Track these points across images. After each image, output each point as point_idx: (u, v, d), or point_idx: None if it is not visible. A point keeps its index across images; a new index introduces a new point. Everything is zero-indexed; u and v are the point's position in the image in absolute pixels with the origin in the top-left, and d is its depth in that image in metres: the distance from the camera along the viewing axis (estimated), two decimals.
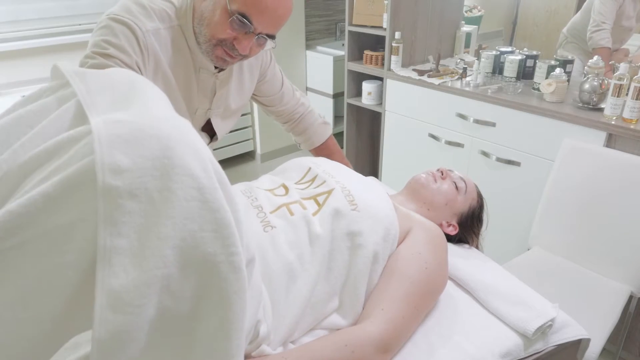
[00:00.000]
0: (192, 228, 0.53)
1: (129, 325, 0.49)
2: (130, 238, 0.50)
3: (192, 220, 0.53)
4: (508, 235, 1.97)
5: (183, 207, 0.52)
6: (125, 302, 0.49)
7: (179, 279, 0.52)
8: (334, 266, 0.86)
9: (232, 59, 1.02)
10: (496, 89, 1.96)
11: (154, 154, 0.52)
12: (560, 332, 0.95)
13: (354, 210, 0.89)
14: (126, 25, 0.93)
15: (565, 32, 2.37)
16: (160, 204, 0.52)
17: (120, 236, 0.49)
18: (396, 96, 2.32)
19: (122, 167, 0.50)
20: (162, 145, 0.53)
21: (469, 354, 0.86)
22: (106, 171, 0.49)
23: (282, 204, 0.92)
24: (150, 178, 0.51)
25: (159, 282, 0.51)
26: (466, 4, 2.66)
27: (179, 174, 0.53)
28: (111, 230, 0.49)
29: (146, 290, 0.50)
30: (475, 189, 1.18)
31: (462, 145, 2.07)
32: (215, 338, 0.55)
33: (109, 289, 0.48)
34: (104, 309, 0.48)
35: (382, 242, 0.90)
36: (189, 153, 0.54)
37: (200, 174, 0.54)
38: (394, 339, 0.82)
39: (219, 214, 0.55)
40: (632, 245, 1.48)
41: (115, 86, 0.62)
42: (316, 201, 0.93)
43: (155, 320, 0.52)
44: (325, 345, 0.78)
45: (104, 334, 0.48)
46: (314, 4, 3.29)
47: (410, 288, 0.87)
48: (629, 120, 1.56)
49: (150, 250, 0.50)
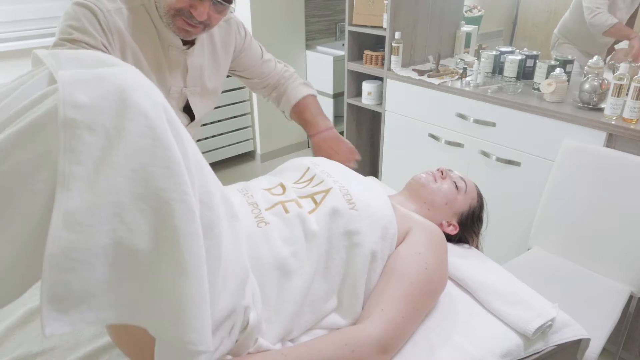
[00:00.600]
0: (143, 161, 0.57)
1: (78, 243, 0.53)
2: (87, 165, 0.55)
3: (143, 153, 0.57)
4: (508, 235, 1.97)
5: (135, 142, 0.57)
6: (77, 221, 0.53)
7: (131, 210, 0.56)
8: (331, 265, 0.86)
9: (194, 28, 1.04)
10: (496, 89, 1.96)
11: (111, 96, 0.57)
12: (560, 332, 0.95)
13: (352, 209, 0.89)
14: (87, 7, 0.97)
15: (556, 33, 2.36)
16: (114, 138, 0.56)
17: (78, 163, 0.54)
18: (396, 96, 2.32)
19: (81, 104, 0.55)
20: (119, 89, 0.58)
21: (469, 353, 0.86)
22: (67, 106, 0.55)
23: (278, 202, 0.92)
24: (107, 116, 0.56)
25: (110, 207, 0.55)
26: (466, 4, 2.66)
27: (133, 113, 0.57)
28: (70, 157, 0.54)
29: (97, 213, 0.54)
30: (475, 189, 1.18)
31: (462, 145, 2.07)
32: (173, 276, 0.58)
33: (65, 210, 0.53)
34: (57, 227, 0.53)
35: (381, 241, 0.90)
36: (143, 97, 0.59)
37: (153, 115, 0.58)
38: (394, 339, 0.82)
39: (170, 152, 0.58)
40: (632, 245, 1.48)
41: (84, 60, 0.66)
42: (313, 200, 0.93)
43: (110, 249, 0.55)
44: (325, 344, 0.78)
45: (56, 250, 0.52)
46: (314, 4, 3.29)
47: (410, 288, 0.87)
48: (629, 120, 1.56)
49: (103, 177, 0.55)
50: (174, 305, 0.58)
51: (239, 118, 3.25)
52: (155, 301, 0.58)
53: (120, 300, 0.58)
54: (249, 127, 3.33)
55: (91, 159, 0.55)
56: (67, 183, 0.54)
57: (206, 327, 0.60)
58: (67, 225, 0.53)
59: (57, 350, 0.88)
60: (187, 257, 0.58)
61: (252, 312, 0.76)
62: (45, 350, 0.87)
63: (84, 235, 0.54)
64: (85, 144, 0.55)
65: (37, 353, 0.87)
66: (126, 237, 0.56)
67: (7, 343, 0.89)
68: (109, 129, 0.56)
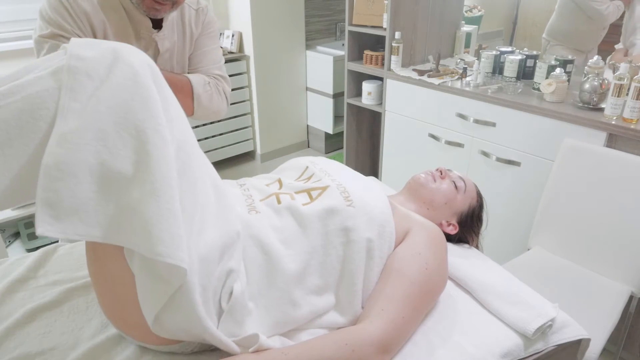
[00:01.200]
0: (125, 97, 0.69)
1: (66, 156, 0.65)
2: (82, 102, 0.69)
3: (125, 91, 0.70)
4: (508, 235, 1.97)
5: (120, 82, 0.70)
6: (67, 139, 0.66)
7: (113, 136, 0.68)
8: (327, 261, 0.87)
9: (162, 5, 1.08)
10: (496, 89, 1.96)
11: (108, 53, 0.72)
12: (560, 332, 0.95)
13: (349, 206, 0.90)
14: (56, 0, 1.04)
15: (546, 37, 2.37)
16: (105, 82, 0.70)
17: (75, 100, 0.68)
18: (396, 96, 2.32)
19: (83, 57, 0.71)
20: (114, 50, 0.73)
21: (468, 353, 0.86)
22: (72, 58, 0.70)
23: (272, 194, 0.95)
24: (102, 65, 0.71)
25: (94, 131, 0.67)
26: (466, 4, 2.66)
27: (122, 64, 0.71)
28: (70, 95, 0.68)
29: (84, 134, 0.67)
30: (474, 189, 1.18)
31: (462, 145, 2.07)
32: (145, 194, 0.67)
33: (60, 133, 0.67)
34: (52, 145, 0.66)
35: (378, 239, 0.90)
36: (133, 55, 0.73)
37: (137, 66, 0.72)
38: (394, 339, 0.82)
39: (148, 92, 0.71)
40: (632, 245, 1.48)
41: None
42: (309, 195, 0.94)
43: (95, 168, 0.67)
44: (325, 343, 0.78)
45: (49, 161, 0.65)
46: (314, 4, 3.29)
47: (410, 288, 0.87)
48: (629, 120, 1.56)
49: (90, 107, 0.68)
50: (145, 220, 0.66)
51: (239, 118, 3.25)
52: (131, 219, 0.67)
53: (106, 219, 0.67)
54: (249, 127, 3.33)
55: (86, 97, 0.69)
56: (65, 114, 0.68)
57: (176, 241, 0.67)
58: (59, 143, 0.66)
59: (56, 350, 0.87)
60: (158, 177, 0.68)
61: (237, 283, 0.79)
62: (45, 350, 0.87)
63: (71, 151, 0.66)
64: (82, 85, 0.69)
65: (37, 353, 0.87)
66: (108, 159, 0.67)
67: (7, 343, 0.89)
68: (102, 75, 0.70)
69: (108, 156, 0.67)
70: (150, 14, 1.10)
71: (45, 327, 0.93)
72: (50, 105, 0.68)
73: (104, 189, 0.67)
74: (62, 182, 0.65)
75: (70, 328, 0.93)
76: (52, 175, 0.65)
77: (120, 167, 0.68)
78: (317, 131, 3.56)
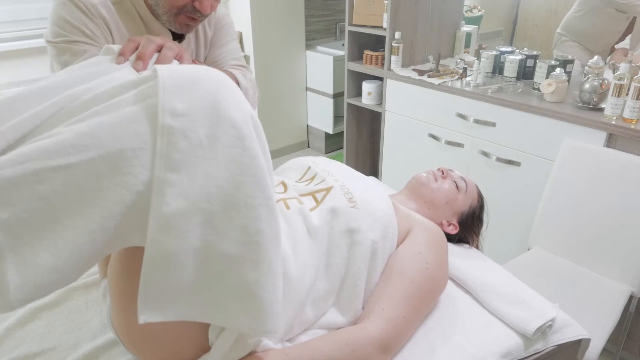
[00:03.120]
0: (233, 171, 0.61)
1: (174, 246, 0.58)
2: (181, 174, 0.58)
3: (234, 164, 0.61)
4: (508, 235, 1.97)
5: (227, 152, 0.60)
6: (172, 226, 0.57)
7: (222, 217, 0.60)
8: (332, 263, 0.86)
9: (195, 21, 1.04)
10: (496, 89, 1.96)
11: (206, 104, 0.61)
12: (560, 332, 0.95)
13: (353, 207, 0.89)
14: (72, 2, 0.97)
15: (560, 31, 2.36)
16: (207, 147, 0.60)
17: (173, 171, 0.58)
18: (396, 96, 2.32)
19: (179, 112, 0.59)
20: (212, 98, 0.61)
21: (469, 354, 0.86)
22: (166, 113, 0.58)
23: (279, 199, 0.92)
24: (201, 124, 0.60)
25: (202, 214, 0.59)
26: (466, 4, 2.66)
27: (224, 123, 0.61)
28: (165, 164, 0.58)
29: (191, 219, 0.58)
30: (475, 189, 1.18)
31: (462, 145, 2.07)
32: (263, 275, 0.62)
33: (160, 215, 0.57)
34: (155, 231, 0.57)
35: (381, 240, 0.90)
36: (233, 106, 0.62)
37: (242, 125, 0.62)
38: (395, 338, 0.82)
39: (257, 160, 0.62)
40: (632, 245, 1.48)
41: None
42: (314, 198, 0.93)
43: (201, 252, 0.60)
44: (326, 343, 0.78)
45: (154, 252, 0.58)
46: (314, 4, 3.29)
47: (410, 288, 0.87)
48: (629, 120, 1.56)
49: (197, 186, 0.59)
50: (262, 302, 0.62)
51: None
52: (244, 300, 0.62)
53: (209, 300, 0.62)
54: None
55: (185, 167, 0.58)
56: (162, 188, 0.57)
57: (279, 315, 0.66)
58: (163, 229, 0.57)
59: (56, 350, 0.87)
60: (273, 256, 0.63)
61: None
62: (45, 350, 0.87)
63: (178, 239, 0.58)
64: (180, 151, 0.58)
65: (36, 353, 0.86)
66: (216, 242, 0.60)
67: (7, 343, 0.89)
68: (202, 137, 0.60)
69: (215, 238, 0.60)
70: (182, 31, 1.06)
71: (45, 327, 0.93)
72: (137, 171, 0.57)
73: (207, 272, 0.61)
74: (167, 272, 0.59)
75: (70, 328, 0.93)
76: (157, 265, 0.58)
77: (227, 249, 0.61)
78: (317, 131, 3.56)
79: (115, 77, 0.66)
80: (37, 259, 0.54)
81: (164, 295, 0.60)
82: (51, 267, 0.55)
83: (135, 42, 0.75)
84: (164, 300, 0.60)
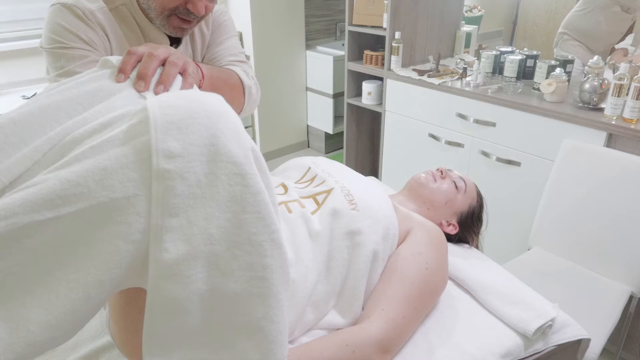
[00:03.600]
0: (235, 209, 0.58)
1: (178, 293, 0.55)
2: (180, 217, 0.55)
3: (235, 202, 0.58)
4: (508, 235, 1.97)
5: (227, 190, 0.57)
6: (174, 272, 0.55)
7: (226, 257, 0.58)
8: (333, 265, 0.86)
9: (189, 24, 1.00)
10: (496, 89, 1.96)
11: (202, 141, 0.57)
12: (560, 332, 0.95)
13: (353, 209, 0.89)
14: (69, 9, 0.95)
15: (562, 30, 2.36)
16: (206, 187, 0.57)
17: (171, 216, 0.55)
18: (396, 96, 2.32)
19: (174, 153, 0.55)
20: (209, 133, 0.57)
21: (469, 354, 0.86)
22: (160, 155, 0.55)
23: (280, 202, 0.92)
24: (199, 163, 0.56)
25: (205, 257, 0.57)
26: (466, 4, 2.66)
27: (223, 160, 0.57)
28: (163, 210, 0.54)
29: (194, 263, 0.56)
30: (474, 189, 1.18)
31: (462, 145, 2.07)
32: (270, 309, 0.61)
33: (161, 263, 0.54)
34: (156, 278, 0.55)
35: (382, 242, 0.89)
36: (232, 141, 0.58)
37: (242, 160, 0.58)
38: (395, 339, 0.82)
39: (260, 196, 0.59)
40: (632, 245, 1.48)
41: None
42: (315, 200, 0.93)
43: (206, 294, 0.58)
44: (326, 344, 0.78)
45: (157, 300, 0.55)
46: (314, 4, 3.29)
47: (410, 288, 0.87)
48: (629, 120, 1.56)
49: (197, 229, 0.56)
50: (270, 337, 0.61)
51: None
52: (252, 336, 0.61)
53: (216, 339, 0.60)
54: (249, 127, 3.32)
55: (183, 210, 0.55)
56: (161, 235, 0.54)
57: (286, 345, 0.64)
58: (165, 276, 0.55)
59: (57, 351, 0.87)
60: (280, 288, 0.62)
61: None
62: None
63: (182, 285, 0.56)
64: (178, 195, 0.55)
65: None
66: (221, 282, 0.58)
67: None
68: (201, 177, 0.56)
69: (220, 279, 0.58)
70: (176, 34, 1.03)
71: None
72: (132, 219, 0.54)
73: (214, 313, 0.59)
74: (172, 318, 0.57)
75: None
76: (160, 312, 0.56)
77: (233, 288, 0.59)
78: (317, 131, 3.56)
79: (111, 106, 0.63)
80: (29, 315, 0.51)
81: (169, 341, 0.58)
82: (44, 324, 0.52)
83: (136, 55, 0.70)
84: (170, 346, 0.58)
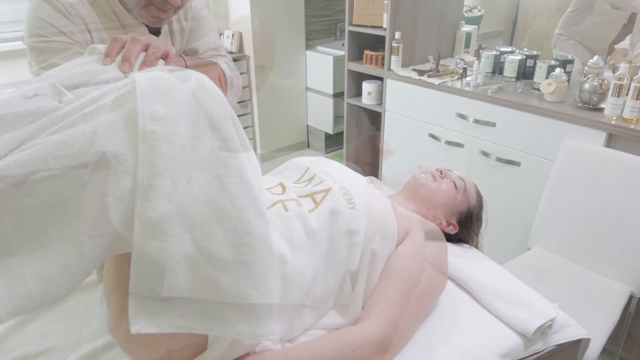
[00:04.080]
0: (218, 172, 0.60)
1: (162, 251, 0.57)
2: (164, 177, 0.57)
3: (218, 166, 0.60)
4: (508, 235, 1.97)
5: (210, 156, 0.60)
6: (159, 230, 0.56)
7: (209, 219, 0.59)
8: (332, 264, 0.86)
9: (167, 13, 1.02)
10: (496, 89, 1.96)
11: (186, 107, 0.60)
12: (560, 332, 0.95)
13: (352, 208, 0.89)
14: (48, 2, 0.96)
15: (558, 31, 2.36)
16: (190, 150, 0.59)
17: (156, 175, 0.57)
18: (396, 96, 2.32)
19: (159, 116, 0.58)
20: (192, 100, 0.61)
21: (468, 354, 0.86)
22: (146, 118, 0.57)
23: (277, 201, 0.91)
24: (182, 127, 0.59)
25: (189, 217, 0.58)
26: (466, 4, 2.66)
27: (206, 125, 0.60)
28: (148, 169, 0.57)
29: (178, 222, 0.57)
30: (474, 188, 1.18)
31: (462, 145, 2.07)
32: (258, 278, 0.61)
33: (146, 220, 0.56)
34: (141, 235, 0.56)
35: (381, 241, 0.89)
36: (214, 108, 0.62)
37: (224, 127, 0.62)
38: (395, 339, 0.82)
39: (241, 162, 0.62)
40: (632, 245, 1.48)
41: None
42: (313, 199, 0.93)
43: (191, 257, 0.58)
44: (325, 344, 0.78)
45: (142, 257, 0.56)
46: (314, 4, 3.29)
47: (410, 288, 0.87)
48: (629, 120, 1.56)
49: (182, 189, 0.58)
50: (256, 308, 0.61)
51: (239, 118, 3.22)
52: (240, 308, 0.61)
53: (204, 308, 0.61)
54: (249, 127, 3.33)
55: (168, 170, 0.58)
56: (146, 193, 0.56)
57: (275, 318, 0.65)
58: (150, 233, 0.56)
59: (57, 351, 0.87)
60: (266, 257, 0.63)
61: None
62: (45, 350, 0.87)
63: (166, 243, 0.57)
64: (162, 155, 0.57)
65: (37, 353, 0.86)
66: (205, 245, 0.59)
67: (7, 343, 0.89)
68: (184, 140, 0.59)
69: (205, 242, 0.59)
70: (154, 24, 1.05)
71: (45, 327, 0.93)
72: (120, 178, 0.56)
73: (201, 277, 0.60)
74: (156, 278, 0.58)
75: (71, 328, 0.93)
76: (146, 271, 0.57)
77: (219, 253, 0.60)
78: (317, 131, 3.56)
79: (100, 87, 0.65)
80: (25, 269, 0.54)
81: (156, 305, 0.58)
82: (39, 278, 0.54)
83: (121, 41, 0.74)
84: (156, 311, 0.59)
